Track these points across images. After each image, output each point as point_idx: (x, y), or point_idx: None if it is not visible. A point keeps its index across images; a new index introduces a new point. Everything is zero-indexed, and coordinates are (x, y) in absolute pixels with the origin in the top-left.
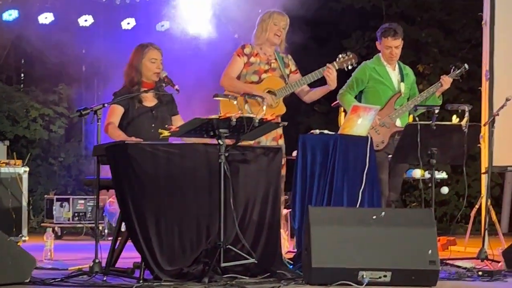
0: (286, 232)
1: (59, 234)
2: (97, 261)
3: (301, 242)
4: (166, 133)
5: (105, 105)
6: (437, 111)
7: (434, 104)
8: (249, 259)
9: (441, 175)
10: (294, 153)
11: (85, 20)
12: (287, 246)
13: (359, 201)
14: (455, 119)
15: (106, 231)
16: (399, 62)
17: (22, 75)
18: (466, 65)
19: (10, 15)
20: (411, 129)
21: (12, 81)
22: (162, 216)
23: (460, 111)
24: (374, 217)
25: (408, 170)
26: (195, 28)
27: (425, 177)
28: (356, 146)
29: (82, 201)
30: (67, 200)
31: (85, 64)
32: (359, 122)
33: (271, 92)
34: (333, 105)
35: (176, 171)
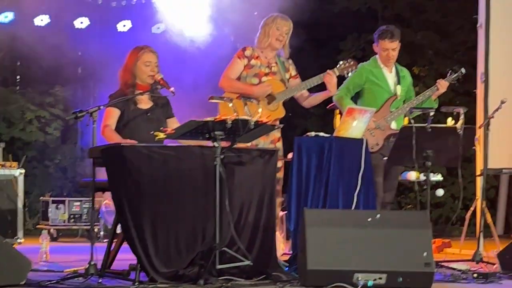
0: (281, 234)
1: (55, 236)
2: (92, 263)
3: (296, 244)
4: (161, 135)
5: (100, 107)
6: (432, 113)
7: (430, 107)
8: (244, 261)
9: (436, 177)
10: (289, 155)
11: (81, 22)
12: (283, 248)
13: (354, 203)
14: (450, 122)
15: (101, 233)
16: (396, 64)
17: (18, 77)
18: (463, 69)
19: (6, 17)
20: (406, 131)
21: (8, 83)
22: (157, 218)
23: (455, 113)
24: (370, 219)
25: (403, 172)
26: (191, 30)
27: (420, 179)
28: (351, 149)
29: (78, 203)
30: (63, 202)
31: (81, 66)
32: (354, 125)
33: (270, 95)
34: (328, 107)
35: (172, 173)
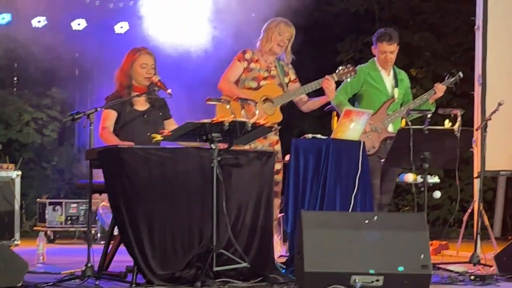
0: (278, 236)
1: (52, 238)
2: (89, 265)
3: (293, 246)
4: (158, 137)
5: (97, 109)
6: (429, 115)
7: (427, 109)
8: (241, 263)
9: (434, 179)
10: (286, 157)
11: (78, 24)
12: (280, 250)
13: (351, 205)
14: (447, 124)
15: (98, 235)
16: (395, 67)
17: (15, 78)
18: (461, 73)
19: (3, 18)
20: (403, 133)
21: (5, 85)
22: (154, 220)
23: (452, 115)
24: (367, 221)
25: (400, 174)
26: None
27: (418, 182)
28: (348, 151)
29: (75, 205)
30: (60, 204)
31: (78, 68)
32: (352, 127)
33: (268, 99)
34: (326, 109)
35: (169, 175)
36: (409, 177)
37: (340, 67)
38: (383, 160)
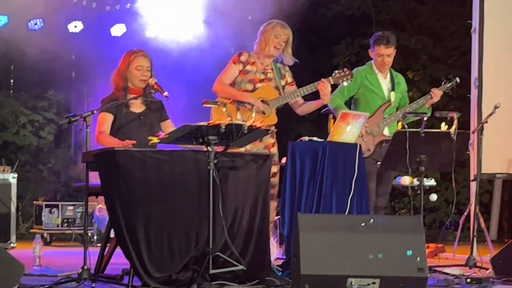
0: (275, 239)
1: (48, 240)
2: (86, 267)
3: (290, 249)
4: (155, 139)
5: (94, 111)
6: (426, 118)
7: (423, 112)
8: (238, 266)
9: (430, 182)
10: (283, 160)
11: (75, 26)
12: (276, 253)
13: (348, 208)
14: (443, 127)
15: (95, 237)
16: (392, 70)
17: (11, 81)
18: (458, 79)
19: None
20: (400, 136)
21: (1, 87)
22: (151, 223)
23: (449, 118)
24: (363, 224)
25: (397, 177)
26: (185, 34)
27: (414, 184)
28: (345, 153)
29: (71, 207)
30: (56, 206)
31: (74, 70)
32: (348, 129)
33: (263, 101)
34: (322, 112)
35: (165, 177)
36: (406, 180)
37: (337, 71)
38: (379, 163)
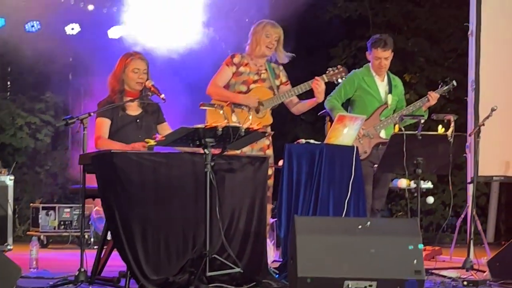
0: (272, 241)
1: (45, 242)
2: (82, 270)
3: (287, 251)
4: (152, 142)
5: (91, 114)
6: (423, 121)
7: (420, 115)
8: (234, 268)
9: (427, 184)
10: (280, 163)
11: (72, 29)
12: (273, 255)
13: (344, 210)
14: (440, 129)
15: (92, 239)
16: (389, 73)
17: (8, 83)
18: (454, 82)
19: None
20: (397, 139)
21: None
22: (148, 225)
23: (446, 121)
24: (360, 226)
25: (393, 180)
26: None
27: (411, 187)
28: (342, 156)
29: (68, 210)
30: (53, 209)
31: (71, 73)
32: (345, 132)
33: (258, 102)
34: (320, 114)
35: (162, 180)
36: (402, 183)
37: (330, 68)
38: (375, 166)
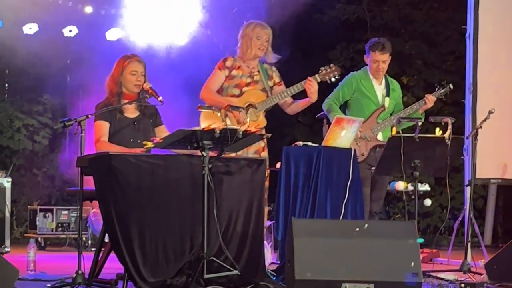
0: (269, 243)
1: (43, 244)
2: (80, 272)
3: (284, 253)
4: (149, 144)
5: (88, 116)
6: (420, 123)
7: (417, 117)
8: (232, 270)
9: (424, 187)
10: (278, 165)
11: (70, 31)
12: (271, 257)
13: (342, 213)
14: (438, 132)
15: (89, 242)
16: (387, 76)
17: (6, 85)
18: (451, 85)
19: None
20: (394, 141)
21: None
22: (145, 228)
23: (443, 123)
24: (357, 229)
25: (391, 182)
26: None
27: (409, 189)
28: (339, 158)
29: (66, 212)
30: (51, 211)
31: (69, 75)
32: (343, 134)
33: (251, 105)
34: (317, 116)
35: (160, 182)
36: (400, 185)
37: (323, 68)
38: (373, 168)
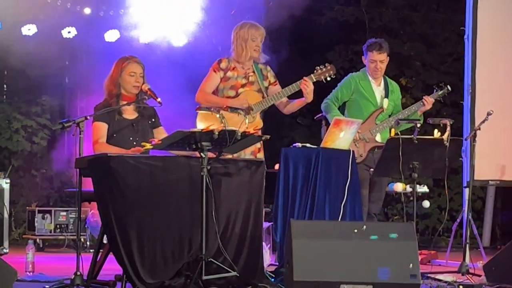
0: (268, 245)
1: (41, 246)
2: (78, 273)
3: (283, 255)
4: (148, 145)
5: (87, 117)
6: (419, 125)
7: (416, 119)
8: (230, 272)
9: (423, 189)
10: (276, 166)
11: (69, 32)
12: (269, 259)
13: (340, 214)
14: (436, 133)
15: (88, 243)
16: (386, 77)
17: (4, 86)
18: (449, 87)
19: None
20: (393, 143)
21: None
22: (144, 229)
23: (442, 125)
24: (356, 230)
25: (390, 184)
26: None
27: (407, 191)
28: (338, 160)
29: (64, 213)
30: (49, 212)
31: (68, 76)
32: (341, 136)
33: (248, 106)
34: (316, 118)
35: (159, 183)
36: (398, 187)
37: (318, 67)
38: (371, 170)
